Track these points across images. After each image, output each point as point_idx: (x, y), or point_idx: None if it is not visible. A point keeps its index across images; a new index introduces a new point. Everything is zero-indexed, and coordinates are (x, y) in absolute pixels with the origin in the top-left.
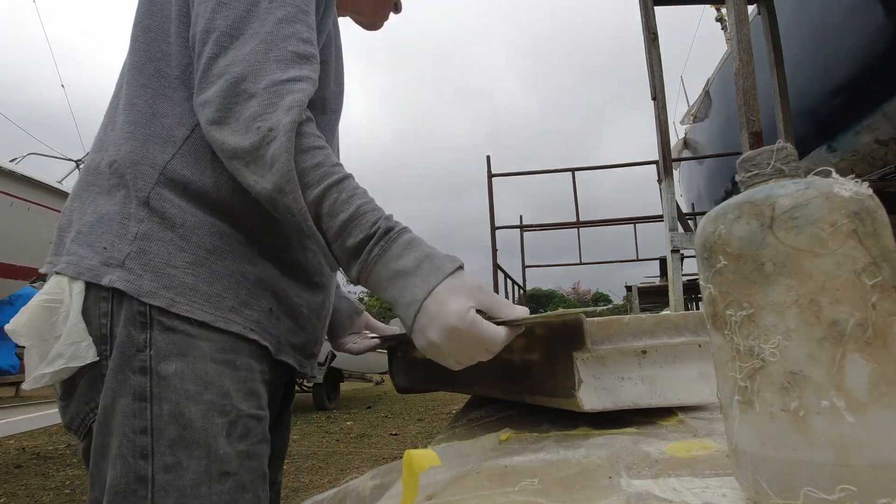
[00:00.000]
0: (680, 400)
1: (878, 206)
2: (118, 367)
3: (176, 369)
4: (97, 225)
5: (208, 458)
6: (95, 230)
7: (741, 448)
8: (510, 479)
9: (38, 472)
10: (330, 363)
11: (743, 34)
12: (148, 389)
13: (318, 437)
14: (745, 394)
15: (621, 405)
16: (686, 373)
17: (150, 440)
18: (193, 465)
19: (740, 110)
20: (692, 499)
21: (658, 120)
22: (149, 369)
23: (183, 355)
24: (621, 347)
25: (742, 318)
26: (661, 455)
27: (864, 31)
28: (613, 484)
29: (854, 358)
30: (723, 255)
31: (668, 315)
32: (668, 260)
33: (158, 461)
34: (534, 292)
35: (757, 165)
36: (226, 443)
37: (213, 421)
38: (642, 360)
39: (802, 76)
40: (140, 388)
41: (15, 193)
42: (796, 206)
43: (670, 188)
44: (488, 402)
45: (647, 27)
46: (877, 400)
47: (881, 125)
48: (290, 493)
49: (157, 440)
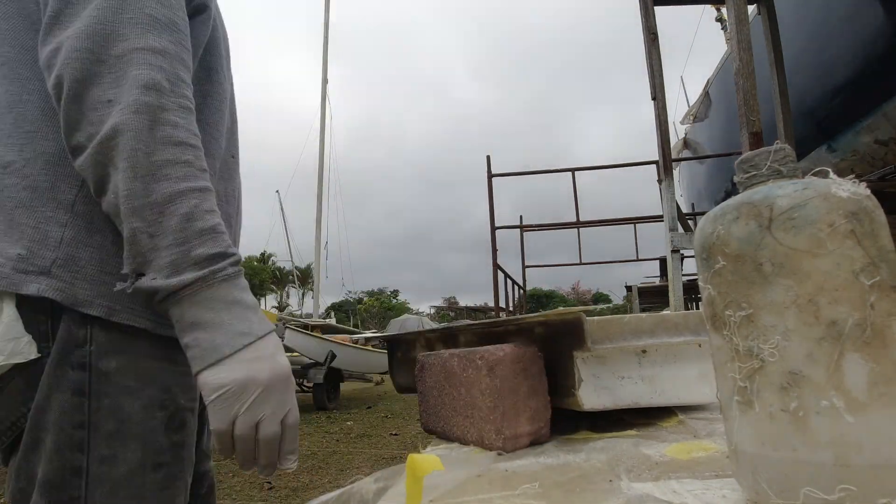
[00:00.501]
0: (680, 399)
1: (875, 207)
2: (56, 362)
3: (117, 365)
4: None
5: (143, 451)
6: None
7: (741, 448)
8: (511, 483)
9: None
10: (330, 363)
11: (743, 34)
12: (87, 385)
13: (319, 438)
14: (744, 394)
15: (621, 404)
16: (686, 372)
17: (86, 434)
18: (129, 456)
19: (740, 110)
20: (692, 500)
21: (658, 120)
22: (88, 365)
23: (123, 352)
24: (622, 347)
25: (741, 319)
26: (661, 457)
27: (863, 32)
28: (614, 487)
29: (853, 358)
30: (722, 255)
31: (668, 315)
32: (668, 260)
33: (94, 453)
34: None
35: (755, 166)
36: (163, 435)
37: (153, 415)
38: (642, 359)
39: (802, 76)
40: (78, 383)
41: None
42: (794, 207)
43: (670, 188)
44: None
45: (647, 27)
46: (876, 400)
47: (881, 125)
48: (290, 493)
49: (93, 434)
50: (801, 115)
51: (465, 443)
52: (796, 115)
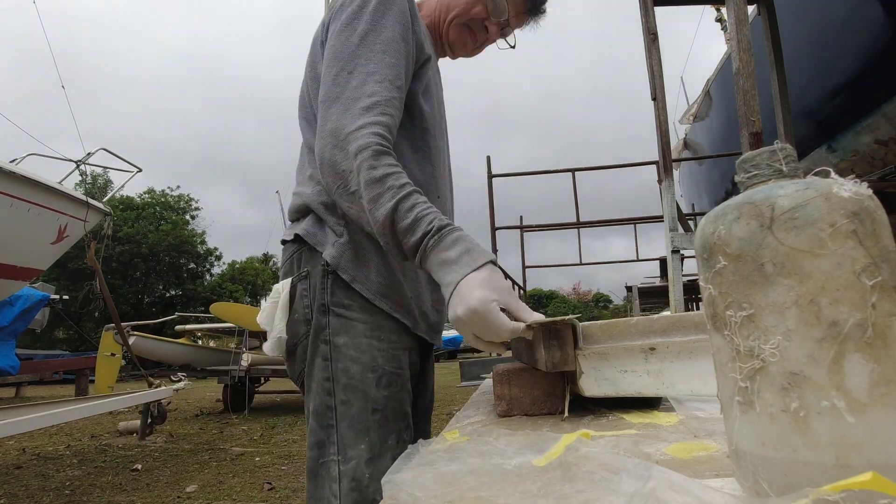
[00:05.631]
0: (692, 391)
1: (877, 207)
2: (313, 339)
3: (344, 342)
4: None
5: (364, 399)
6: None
7: (742, 449)
8: (510, 480)
9: (38, 473)
10: None
11: (743, 34)
12: (330, 354)
13: None
14: (745, 394)
15: (623, 393)
16: (698, 367)
17: (332, 385)
18: (356, 402)
19: (740, 110)
20: (693, 500)
21: (658, 120)
22: (329, 341)
23: (347, 333)
24: (626, 345)
25: (742, 319)
26: (661, 456)
27: (863, 32)
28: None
29: (854, 358)
30: (722, 255)
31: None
32: (669, 260)
33: (337, 398)
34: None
35: (756, 166)
36: (375, 390)
37: (367, 375)
38: (649, 356)
39: (802, 76)
40: (325, 353)
41: (15, 194)
42: (796, 207)
43: (670, 188)
44: (488, 405)
45: (647, 27)
46: (877, 400)
47: (881, 125)
48: (291, 493)
49: (335, 385)
50: (801, 115)
51: None
52: (796, 115)
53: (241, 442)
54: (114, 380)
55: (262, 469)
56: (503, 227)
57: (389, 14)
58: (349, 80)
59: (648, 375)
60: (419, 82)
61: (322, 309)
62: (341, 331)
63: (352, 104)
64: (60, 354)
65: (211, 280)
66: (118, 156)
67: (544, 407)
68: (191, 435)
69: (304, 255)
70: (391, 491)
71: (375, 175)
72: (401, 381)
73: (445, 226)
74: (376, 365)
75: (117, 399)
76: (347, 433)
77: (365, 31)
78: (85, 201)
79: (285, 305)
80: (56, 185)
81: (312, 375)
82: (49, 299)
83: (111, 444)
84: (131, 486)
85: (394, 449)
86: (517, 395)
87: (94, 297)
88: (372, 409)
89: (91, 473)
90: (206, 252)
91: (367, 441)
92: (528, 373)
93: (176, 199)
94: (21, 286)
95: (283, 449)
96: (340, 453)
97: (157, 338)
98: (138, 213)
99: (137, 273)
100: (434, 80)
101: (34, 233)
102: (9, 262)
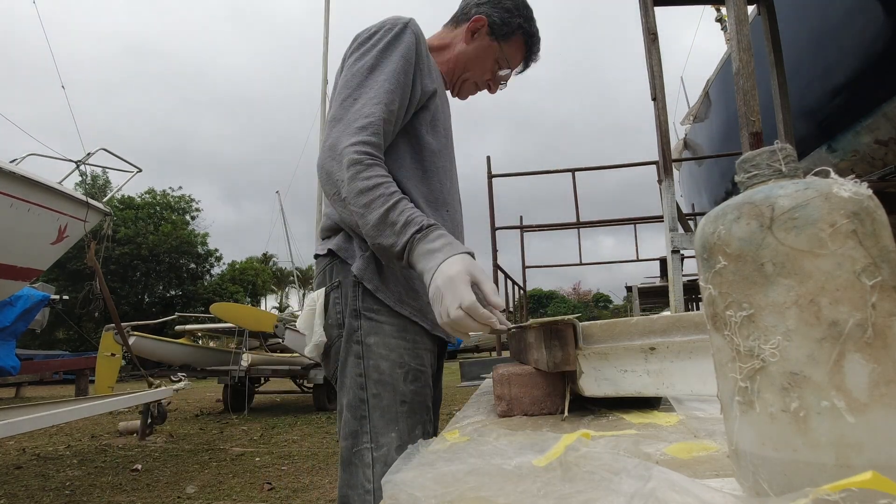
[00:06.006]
0: (692, 391)
1: (877, 207)
2: (346, 340)
3: (374, 341)
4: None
5: (394, 392)
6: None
7: (742, 449)
8: (510, 480)
9: (38, 473)
10: None
11: (743, 34)
12: (362, 352)
13: (319, 439)
14: (745, 394)
15: (623, 393)
16: (698, 367)
17: (364, 380)
18: (387, 395)
19: (740, 110)
20: (693, 500)
21: (658, 120)
22: (361, 341)
23: (377, 334)
24: (626, 345)
25: (742, 319)
26: (661, 456)
27: (863, 32)
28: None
29: (854, 358)
30: (722, 255)
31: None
32: (669, 260)
33: (369, 391)
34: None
35: (756, 166)
36: (403, 384)
37: (395, 371)
38: (649, 356)
39: (802, 76)
40: (357, 352)
41: (15, 194)
42: (796, 207)
43: (670, 188)
44: (488, 406)
45: (647, 27)
46: (877, 400)
47: (881, 125)
48: (291, 493)
49: (367, 380)
50: (801, 115)
51: None
52: (796, 115)
53: (241, 442)
54: (114, 380)
55: (262, 469)
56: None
57: (396, 51)
58: (353, 105)
59: (648, 375)
60: (427, 111)
61: (354, 313)
62: (371, 332)
63: (350, 124)
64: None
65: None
66: (118, 156)
67: (544, 407)
68: (191, 435)
69: (336, 268)
70: (391, 491)
71: (368, 185)
72: (424, 377)
73: (432, 225)
74: (403, 362)
75: (117, 399)
76: (379, 423)
77: (372, 65)
78: (85, 201)
79: (321, 312)
80: (56, 185)
81: (346, 372)
82: (49, 299)
83: (111, 445)
84: (131, 486)
85: (419, 438)
86: (517, 396)
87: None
88: (400, 402)
89: (91, 473)
90: (206, 253)
91: (396, 430)
92: (528, 373)
93: (177, 200)
94: (21, 286)
95: (283, 449)
96: (373, 441)
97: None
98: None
99: (137, 274)
100: (442, 108)
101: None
102: (9, 262)
